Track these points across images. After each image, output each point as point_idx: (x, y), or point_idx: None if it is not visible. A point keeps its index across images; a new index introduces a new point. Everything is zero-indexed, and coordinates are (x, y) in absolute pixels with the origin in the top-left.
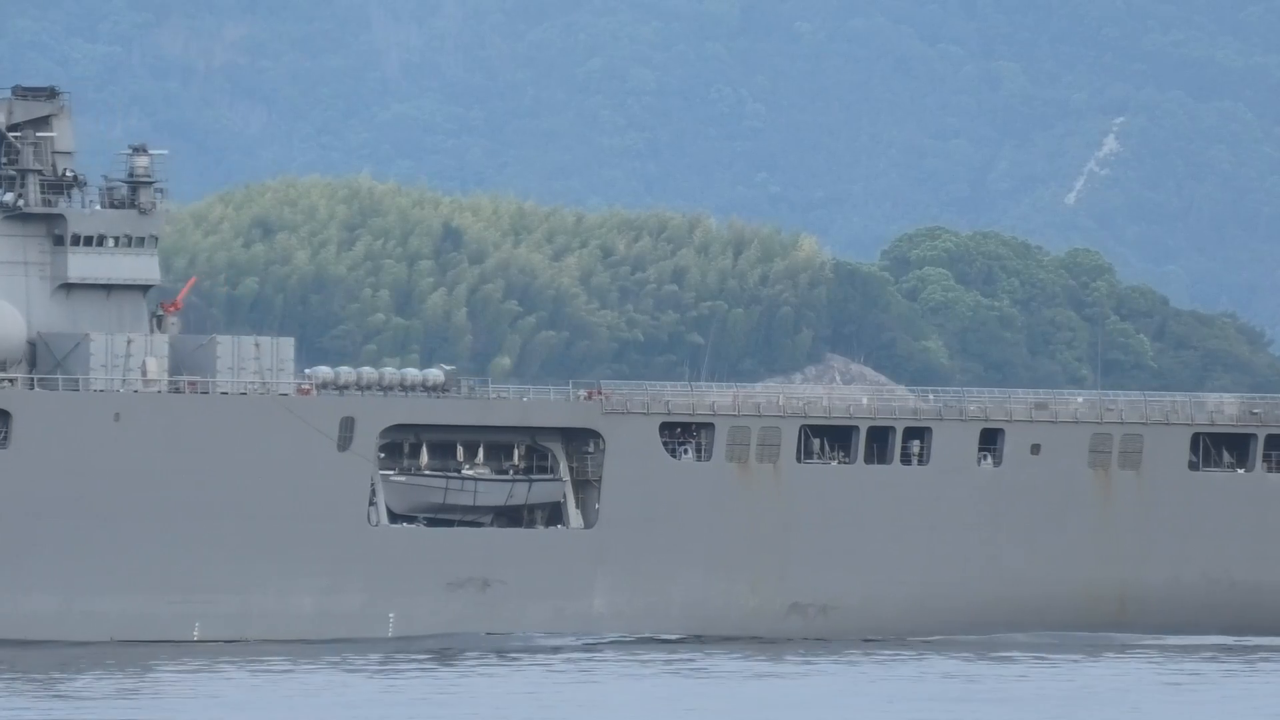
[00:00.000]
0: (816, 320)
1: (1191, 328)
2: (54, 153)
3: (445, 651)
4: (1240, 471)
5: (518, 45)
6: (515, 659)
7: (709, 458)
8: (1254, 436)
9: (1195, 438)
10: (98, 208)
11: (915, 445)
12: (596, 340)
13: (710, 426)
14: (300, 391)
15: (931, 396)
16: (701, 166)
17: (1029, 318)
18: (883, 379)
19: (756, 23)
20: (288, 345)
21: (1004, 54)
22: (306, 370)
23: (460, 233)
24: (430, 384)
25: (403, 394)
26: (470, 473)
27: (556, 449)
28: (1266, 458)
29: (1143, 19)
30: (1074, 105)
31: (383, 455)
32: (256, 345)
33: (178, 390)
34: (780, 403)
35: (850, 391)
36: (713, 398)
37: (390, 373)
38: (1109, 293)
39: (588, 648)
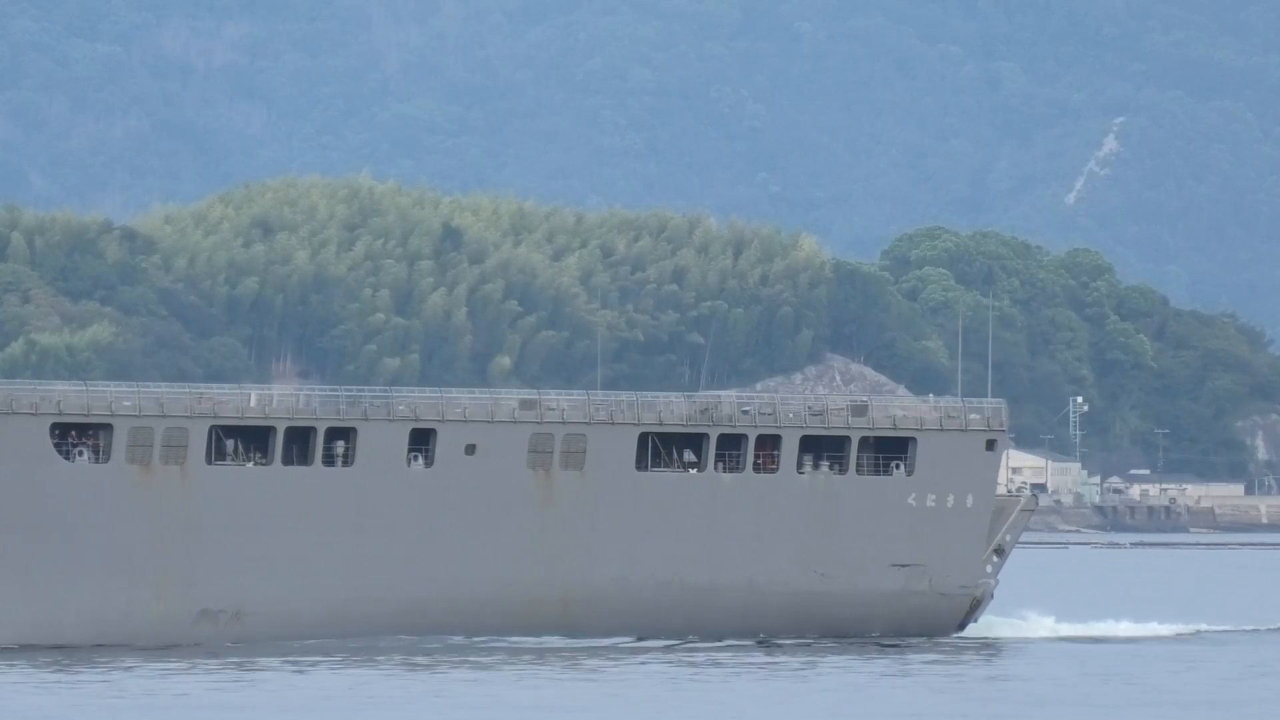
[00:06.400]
0: (816, 320)
1: (1191, 328)
2: None
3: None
4: (693, 471)
5: (518, 45)
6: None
7: (107, 459)
8: (706, 436)
9: (644, 437)
10: None
11: (340, 446)
12: (597, 340)
13: (109, 427)
14: None
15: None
16: (701, 166)
17: (1029, 318)
18: (883, 379)
19: (756, 23)
20: None
21: (1004, 54)
22: None
23: (460, 233)
24: None
25: None
26: None
27: None
28: (721, 457)
29: (1143, 19)
30: (1074, 105)
31: None
32: None
33: None
34: (187, 403)
35: (275, 392)
36: (111, 398)
37: None
38: (1109, 293)
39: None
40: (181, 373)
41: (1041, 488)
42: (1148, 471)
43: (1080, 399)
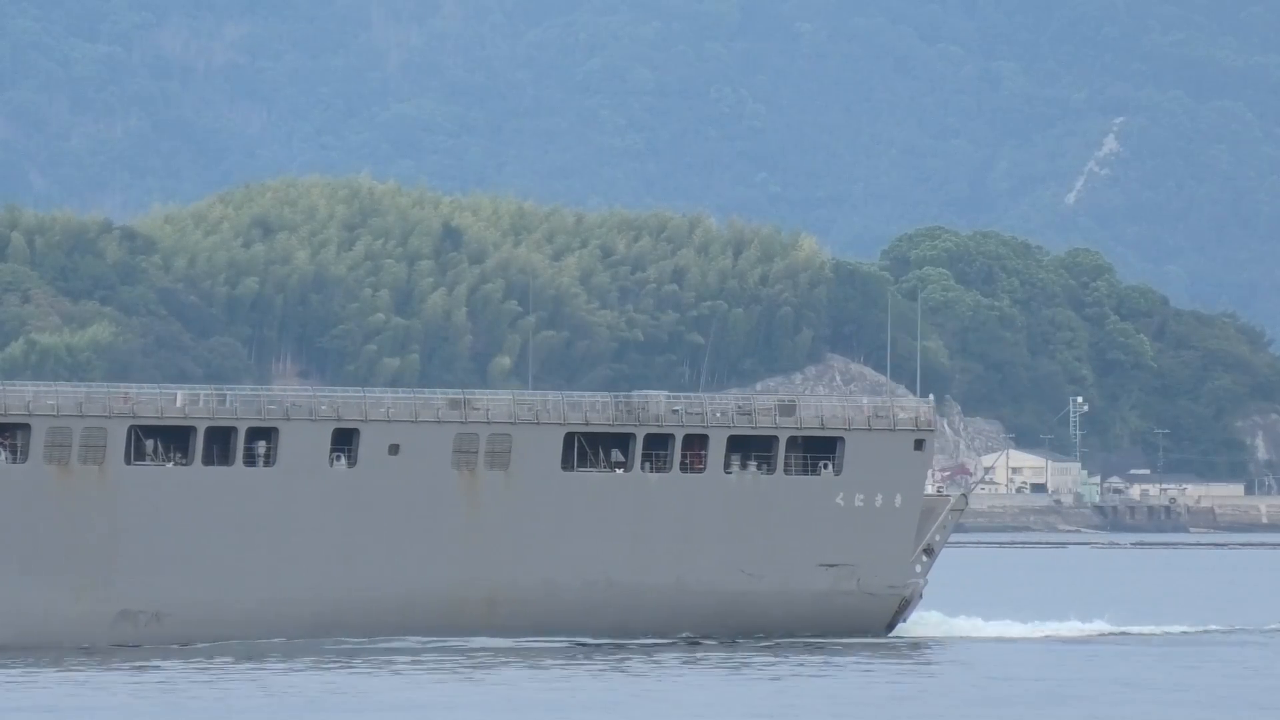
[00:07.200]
0: (816, 320)
1: (1191, 328)
2: None
3: None
4: (620, 471)
5: (518, 45)
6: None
7: (25, 459)
8: (633, 436)
9: (570, 437)
10: None
11: (261, 446)
12: (596, 340)
13: (26, 427)
14: None
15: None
16: (701, 166)
17: (1029, 318)
18: (883, 379)
19: (756, 23)
20: None
21: (1004, 54)
22: None
23: (460, 233)
24: None
25: None
26: None
27: None
28: (648, 457)
29: (1143, 19)
30: (1074, 105)
31: None
32: None
33: None
34: (106, 403)
35: (186, 392)
36: (29, 397)
37: None
38: (1109, 293)
39: None
40: (182, 373)
41: (1042, 488)
42: (1148, 471)
43: (1080, 399)
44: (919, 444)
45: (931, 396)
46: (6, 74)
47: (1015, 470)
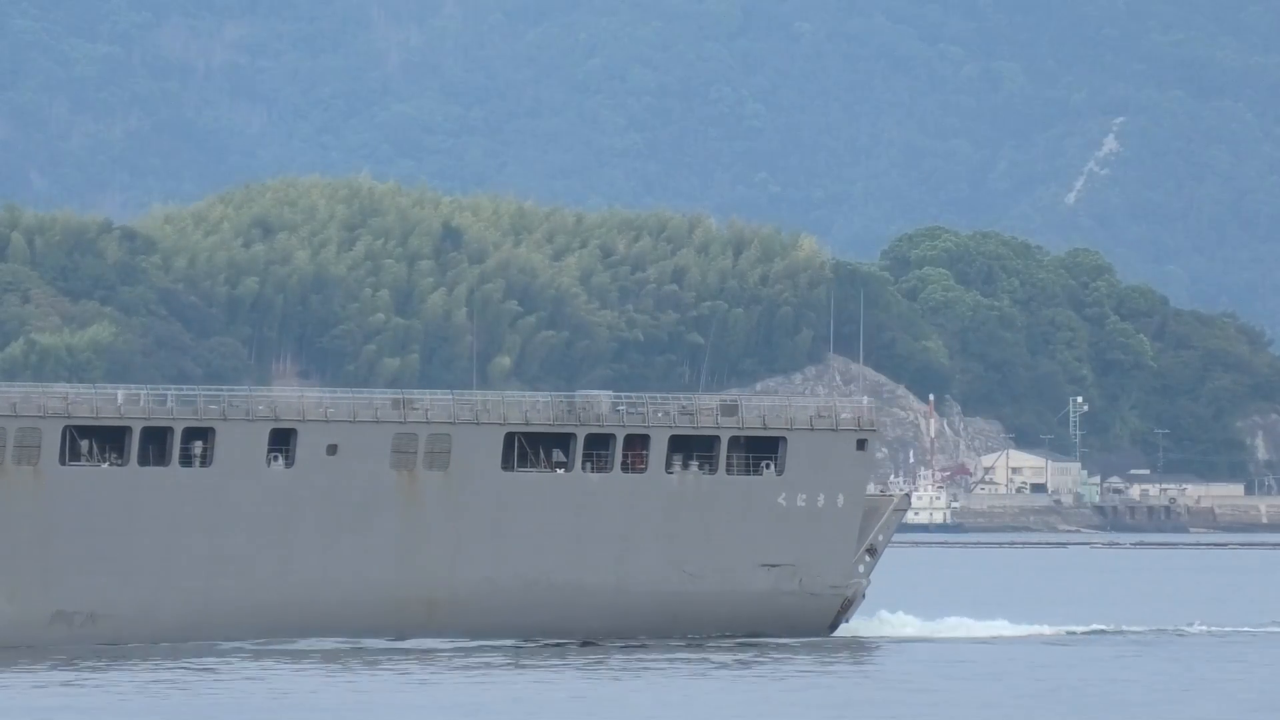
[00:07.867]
0: (816, 320)
1: (1191, 328)
2: None
3: None
4: (560, 471)
5: (518, 45)
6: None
7: None
8: (574, 436)
9: (510, 437)
10: None
11: (198, 446)
12: (596, 340)
13: None
14: None
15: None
16: (701, 166)
17: (1029, 318)
18: (883, 379)
19: (756, 23)
20: None
21: (1004, 54)
22: None
23: (460, 233)
24: None
25: None
26: None
27: None
28: (589, 457)
29: (1143, 19)
30: (1074, 105)
31: None
32: None
33: None
34: (40, 403)
35: (122, 392)
36: None
37: None
38: (1109, 293)
39: None
40: (181, 373)
41: (1042, 488)
42: (1148, 471)
43: (1080, 399)
44: (861, 444)
45: (932, 397)
46: (6, 74)
47: (1015, 470)
